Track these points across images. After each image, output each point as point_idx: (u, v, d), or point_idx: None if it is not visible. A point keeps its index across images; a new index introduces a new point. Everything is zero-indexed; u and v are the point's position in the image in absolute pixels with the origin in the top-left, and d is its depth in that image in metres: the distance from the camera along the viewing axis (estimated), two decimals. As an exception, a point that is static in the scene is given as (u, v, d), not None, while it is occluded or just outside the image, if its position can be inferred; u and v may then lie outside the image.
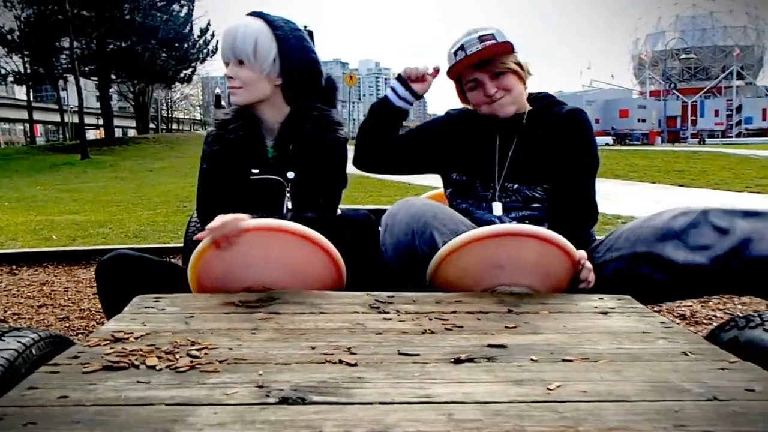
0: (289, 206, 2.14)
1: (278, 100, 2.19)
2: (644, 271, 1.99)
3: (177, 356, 1.26)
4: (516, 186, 2.24)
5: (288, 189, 2.16)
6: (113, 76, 34.07)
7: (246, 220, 1.86)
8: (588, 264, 1.93)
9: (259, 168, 2.16)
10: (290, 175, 2.16)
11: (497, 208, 2.23)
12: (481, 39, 2.19)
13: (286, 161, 2.17)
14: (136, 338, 1.38)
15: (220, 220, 1.85)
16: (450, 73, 2.27)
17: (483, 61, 2.20)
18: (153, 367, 1.20)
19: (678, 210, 2.02)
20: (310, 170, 2.17)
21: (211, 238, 1.85)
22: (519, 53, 2.25)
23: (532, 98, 2.35)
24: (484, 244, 1.86)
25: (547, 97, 2.35)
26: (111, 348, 1.31)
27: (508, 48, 2.22)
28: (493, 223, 2.16)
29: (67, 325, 3.37)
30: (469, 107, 2.37)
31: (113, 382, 1.12)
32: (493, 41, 2.19)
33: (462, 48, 2.21)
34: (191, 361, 1.23)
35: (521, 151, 2.26)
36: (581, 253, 1.92)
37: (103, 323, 1.65)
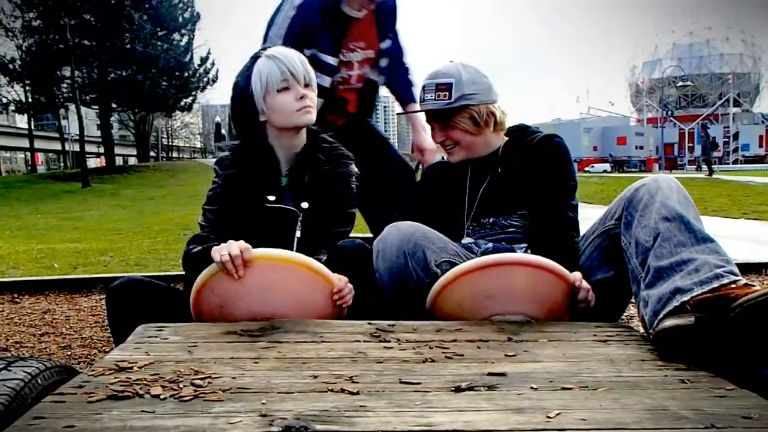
0: (298, 236, 2.17)
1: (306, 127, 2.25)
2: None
3: (181, 385, 1.27)
4: (492, 219, 2.31)
5: (300, 219, 2.18)
6: (114, 105, 34.27)
7: (251, 251, 1.87)
8: (585, 284, 1.94)
9: (274, 196, 2.19)
10: (304, 205, 2.19)
11: (467, 240, 2.29)
12: (438, 87, 2.25)
13: (300, 191, 2.20)
14: (140, 367, 1.40)
15: (227, 249, 1.85)
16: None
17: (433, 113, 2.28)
18: (157, 397, 1.21)
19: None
20: (323, 202, 2.21)
21: (222, 268, 1.86)
22: (497, 96, 2.31)
23: (507, 131, 2.39)
24: (472, 277, 1.89)
25: (520, 129, 2.40)
26: (115, 377, 1.32)
27: (457, 109, 2.26)
28: (470, 249, 2.21)
29: (69, 353, 3.36)
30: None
31: (118, 412, 1.13)
32: (446, 95, 2.24)
33: (423, 89, 2.30)
34: (195, 391, 1.24)
35: (494, 187, 2.32)
36: (576, 275, 1.94)
37: (105, 352, 1.66)
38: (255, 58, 2.19)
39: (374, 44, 3.07)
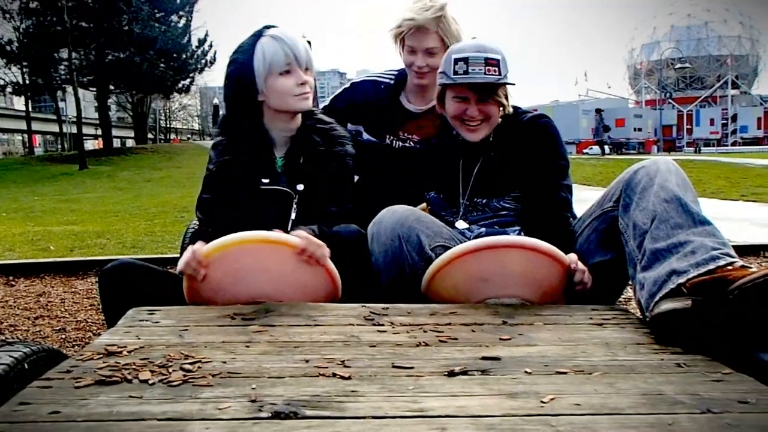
0: (293, 217, 2.14)
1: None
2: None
3: (170, 370, 1.26)
4: (485, 200, 2.28)
5: (296, 201, 2.16)
6: (112, 87, 34.05)
7: (201, 248, 1.88)
8: (581, 266, 1.92)
9: (268, 178, 2.17)
10: (300, 187, 2.17)
11: (461, 225, 2.26)
12: (487, 62, 2.16)
13: (295, 173, 2.18)
14: (130, 352, 1.38)
15: (183, 260, 1.88)
16: (446, 84, 2.24)
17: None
18: (146, 381, 1.20)
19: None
20: (319, 183, 2.18)
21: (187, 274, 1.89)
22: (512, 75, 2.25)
23: None
24: (466, 260, 1.88)
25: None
26: (104, 362, 1.30)
27: (501, 86, 2.21)
28: (463, 234, 2.19)
29: (63, 336, 3.35)
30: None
31: (105, 397, 1.11)
32: (496, 70, 2.17)
33: (465, 61, 2.17)
34: (184, 375, 1.23)
35: (487, 168, 2.28)
36: (571, 257, 1.92)
37: (99, 335, 1.64)
38: (258, 35, 2.15)
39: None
